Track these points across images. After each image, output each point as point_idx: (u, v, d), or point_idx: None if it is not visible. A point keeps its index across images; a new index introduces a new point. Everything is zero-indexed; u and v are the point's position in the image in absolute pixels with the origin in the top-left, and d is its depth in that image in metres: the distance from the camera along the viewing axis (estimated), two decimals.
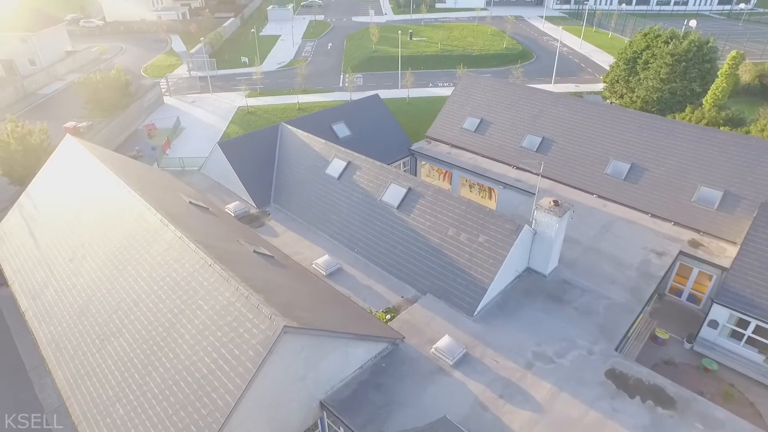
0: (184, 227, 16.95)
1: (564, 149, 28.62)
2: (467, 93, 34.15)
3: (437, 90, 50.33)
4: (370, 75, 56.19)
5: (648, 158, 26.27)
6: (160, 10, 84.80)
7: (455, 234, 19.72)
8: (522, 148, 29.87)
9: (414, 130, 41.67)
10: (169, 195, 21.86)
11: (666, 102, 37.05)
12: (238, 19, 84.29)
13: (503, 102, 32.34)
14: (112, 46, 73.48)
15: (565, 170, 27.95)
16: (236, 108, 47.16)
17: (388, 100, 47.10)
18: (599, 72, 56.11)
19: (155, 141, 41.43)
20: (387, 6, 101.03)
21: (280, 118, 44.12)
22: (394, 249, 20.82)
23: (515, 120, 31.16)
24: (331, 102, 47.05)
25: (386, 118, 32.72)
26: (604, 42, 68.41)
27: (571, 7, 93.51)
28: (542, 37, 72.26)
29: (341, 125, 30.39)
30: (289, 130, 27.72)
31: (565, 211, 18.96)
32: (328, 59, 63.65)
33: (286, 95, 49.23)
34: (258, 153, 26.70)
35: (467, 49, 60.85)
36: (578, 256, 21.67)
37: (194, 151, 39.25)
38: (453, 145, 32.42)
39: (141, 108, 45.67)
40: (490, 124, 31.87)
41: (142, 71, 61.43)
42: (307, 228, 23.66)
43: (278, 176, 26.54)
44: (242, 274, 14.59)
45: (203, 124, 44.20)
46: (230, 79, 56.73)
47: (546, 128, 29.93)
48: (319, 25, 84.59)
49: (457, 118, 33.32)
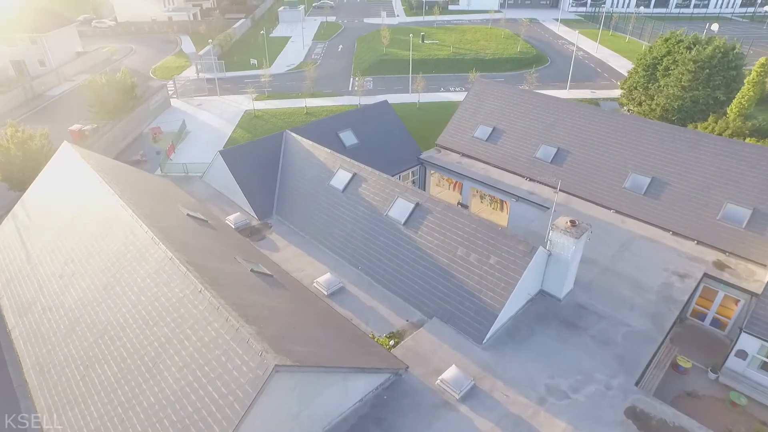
0: (176, 245, 16.02)
1: (580, 161, 27.32)
2: (479, 100, 32.96)
3: (449, 95, 49.15)
4: (381, 78, 55.15)
5: (670, 172, 24.89)
6: (171, 10, 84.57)
7: (464, 254, 18.58)
8: (536, 158, 28.61)
9: (424, 137, 40.59)
10: (167, 207, 20.99)
11: (687, 110, 35.51)
12: (249, 20, 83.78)
13: (517, 110, 31.09)
14: (123, 47, 73.32)
15: (580, 183, 26.65)
16: (243, 111, 46.39)
17: (397, 104, 46.06)
18: (616, 77, 54.50)
19: (160, 145, 40.77)
20: (399, 7, 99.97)
21: (287, 123, 43.28)
22: (400, 268, 19.73)
23: (529, 129, 29.91)
24: (340, 106, 46.09)
25: (395, 126, 31.64)
26: (621, 46, 66.66)
27: (587, 10, 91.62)
28: (557, 41, 70.66)
29: (348, 133, 29.37)
30: (293, 139, 26.76)
31: (582, 232, 17.73)
32: (338, 62, 62.73)
33: (294, 99, 48.37)
34: (261, 162, 25.77)
35: (480, 52, 59.55)
36: (595, 278, 20.41)
37: (199, 155, 38.49)
38: (464, 154, 31.24)
39: (147, 111, 45.09)
40: (503, 133, 30.64)
41: (150, 72, 61.04)
42: (309, 242, 22.66)
43: (281, 186, 25.59)
44: (235, 301, 13.60)
45: (209, 128, 43.47)
46: (239, 81, 56.04)
47: (561, 138, 28.64)
48: (330, 26, 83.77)
49: (468, 126, 32.14)
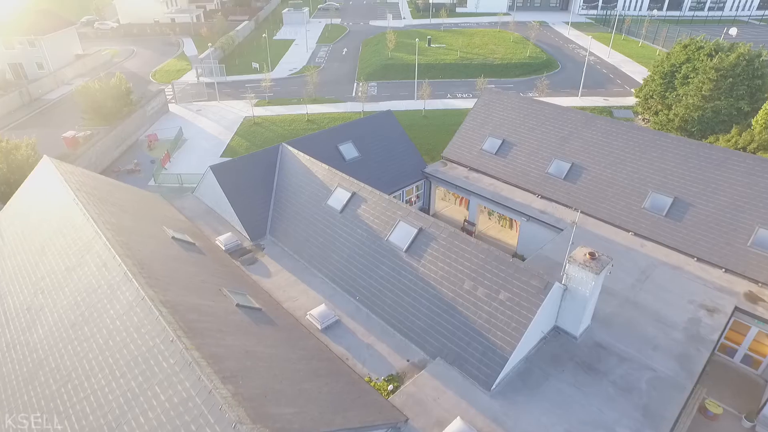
0: (153, 280, 14.46)
1: (596, 178, 25.54)
2: (488, 110, 31.24)
3: (456, 102, 47.41)
4: (385, 84, 53.51)
5: (694, 192, 23.07)
6: (174, 12, 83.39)
7: (472, 288, 16.88)
8: (548, 174, 26.85)
9: (430, 146, 38.94)
10: (150, 229, 19.45)
11: (708, 121, 33.59)
12: (253, 22, 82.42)
13: (528, 121, 29.34)
14: (124, 49, 72.16)
15: (596, 202, 24.87)
16: (242, 118, 44.90)
17: (402, 112, 44.41)
18: (629, 84, 52.54)
19: (155, 153, 39.33)
20: (406, 10, 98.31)
21: (287, 131, 41.75)
22: (401, 300, 18.06)
23: (541, 142, 28.16)
24: (342, 113, 44.49)
25: (398, 137, 29.98)
26: (634, 51, 64.62)
27: (598, 13, 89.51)
28: (568, 45, 68.71)
29: (349, 145, 27.74)
30: (289, 152, 25.16)
31: (603, 266, 15.98)
32: (342, 66, 61.16)
33: (295, 105, 46.84)
34: (255, 177, 24.19)
35: (488, 57, 57.77)
36: (614, 312, 18.65)
37: (195, 165, 37.03)
38: (471, 168, 29.54)
39: (144, 117, 43.70)
40: (513, 146, 28.91)
41: (150, 76, 59.75)
42: (304, 268, 21.04)
43: (276, 205, 23.99)
44: (212, 351, 12.02)
45: (207, 136, 42.00)
46: (239, 85, 54.60)
47: (576, 153, 26.87)
48: (335, 29, 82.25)
49: (476, 138, 30.44)
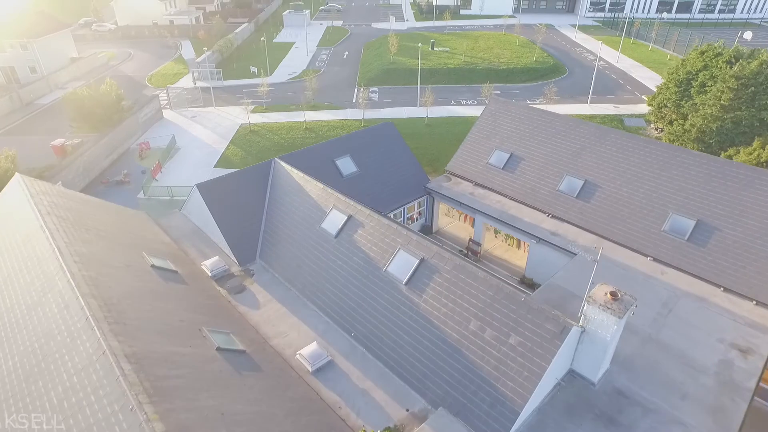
0: (120, 325, 12.82)
1: (611, 197, 23.78)
2: (495, 121, 29.51)
3: (460, 109, 45.67)
4: (387, 89, 51.81)
5: (719, 214, 21.29)
6: (173, 14, 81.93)
7: (479, 329, 15.16)
8: (559, 192, 25.10)
9: (433, 157, 37.23)
10: (127, 257, 17.80)
11: (728, 133, 31.77)
12: (252, 25, 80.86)
13: (538, 134, 27.60)
14: (121, 52, 70.71)
15: (611, 224, 23.11)
16: (239, 125, 43.29)
17: (404, 120, 42.73)
18: (640, 90, 50.70)
19: (147, 162, 37.74)
20: (409, 12, 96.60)
21: (283, 139, 40.11)
22: (400, 339, 16.35)
23: (552, 157, 26.41)
24: (342, 121, 42.81)
25: (400, 150, 28.27)
26: (644, 55, 62.72)
27: (605, 16, 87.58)
28: (575, 49, 66.86)
29: (346, 160, 26.05)
30: (282, 169, 23.49)
31: (626, 308, 14.23)
32: (343, 70, 59.50)
33: (294, 111, 45.19)
34: (245, 196, 22.52)
35: (493, 61, 56.00)
36: (635, 352, 16.90)
37: (187, 176, 35.42)
38: (476, 184, 27.82)
39: (136, 124, 42.14)
40: (522, 160, 27.17)
41: (146, 80, 58.21)
42: (295, 297, 19.35)
43: (267, 226, 22.31)
44: (179, 420, 10.35)
45: (201, 144, 40.40)
46: (237, 90, 53.00)
47: (589, 169, 25.11)
48: (336, 31, 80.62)
49: (482, 151, 28.71)
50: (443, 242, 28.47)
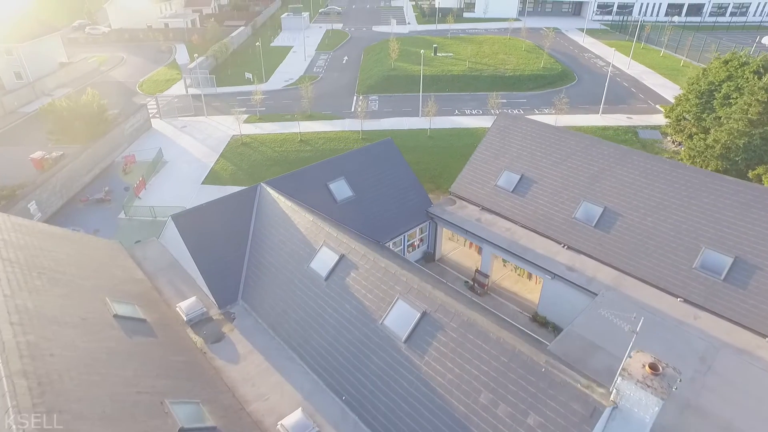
0: (56, 411, 10.48)
1: (634, 227, 21.37)
2: (504, 138, 27.12)
3: (464, 120, 43.26)
4: (387, 98, 49.45)
5: (760, 251, 18.88)
6: (168, 17, 79.68)
7: (491, 402, 12.78)
8: (575, 220, 22.71)
9: (436, 172, 34.87)
10: (85, 306, 15.45)
11: (756, 150, 29.32)
12: (249, 28, 78.53)
13: (551, 154, 25.21)
14: (113, 57, 68.49)
15: (635, 258, 20.71)
16: (230, 136, 40.97)
17: (405, 132, 40.38)
18: (653, 99, 48.23)
19: (131, 178, 35.44)
20: (411, 15, 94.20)
21: (277, 153, 37.76)
22: (398, 408, 13.98)
23: (567, 180, 24.01)
24: (339, 133, 40.45)
25: (400, 170, 25.89)
26: (655, 61, 60.21)
27: (613, 19, 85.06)
28: (583, 54, 64.38)
29: (341, 183, 23.68)
30: (269, 196, 21.14)
31: (669, 385, 11.81)
32: (342, 76, 57.15)
33: (289, 121, 42.85)
34: (226, 228, 20.18)
35: (499, 68, 53.59)
36: (672, 423, 14.47)
37: (173, 194, 33.13)
38: (483, 208, 25.44)
39: (122, 135, 39.84)
40: (534, 183, 24.77)
41: (137, 87, 55.93)
42: (280, 349, 16.98)
43: (251, 262, 19.96)
44: None
45: (189, 158, 38.09)
46: (230, 98, 50.69)
47: (609, 195, 22.71)
48: (336, 35, 78.28)
49: (490, 172, 26.33)
50: (447, 272, 26.10)
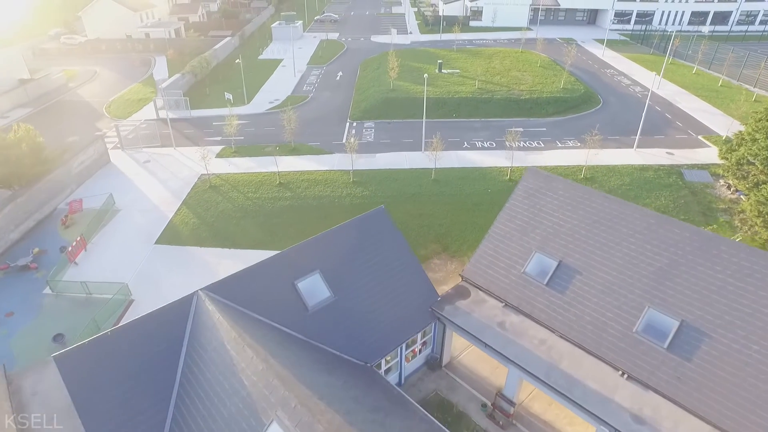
0: None
1: (731, 358, 14.89)
2: (533, 206, 20.67)
3: (475, 155, 36.72)
4: (385, 125, 43.04)
5: None
6: (149, 26, 73.41)
7: None
8: (639, 336, 16.29)
9: (443, 230, 28.53)
10: None
11: None
12: (237, 39, 72.15)
13: (600, 233, 18.74)
14: (85, 70, 62.27)
15: (740, 409, 14.21)
16: (198, 176, 34.62)
17: (406, 172, 34.00)
18: (693, 127, 41.69)
19: (72, 233, 29.11)
20: (413, 23, 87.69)
21: (250, 200, 31.36)
22: None
23: (624, 273, 17.57)
24: (326, 173, 34.05)
25: (395, 253, 19.48)
26: (688, 79, 53.50)
27: (633, 28, 78.38)
28: (604, 70, 57.78)
29: (314, 280, 17.27)
30: (207, 312, 14.75)
31: None
32: (335, 96, 50.75)
33: (269, 156, 36.44)
34: (142, 370, 13.78)
35: (513, 88, 47.09)
36: None
37: (117, 259, 26.81)
38: (507, 304, 19.00)
39: (69, 175, 33.53)
40: (576, 275, 18.33)
41: (104, 108, 49.60)
42: None
43: (176, 421, 13.54)
44: None
45: (146, 205, 31.75)
46: (206, 123, 44.37)
47: (686, 302, 16.24)
48: (330, 46, 71.89)
49: (516, 252, 19.89)
50: (458, 386, 19.68)
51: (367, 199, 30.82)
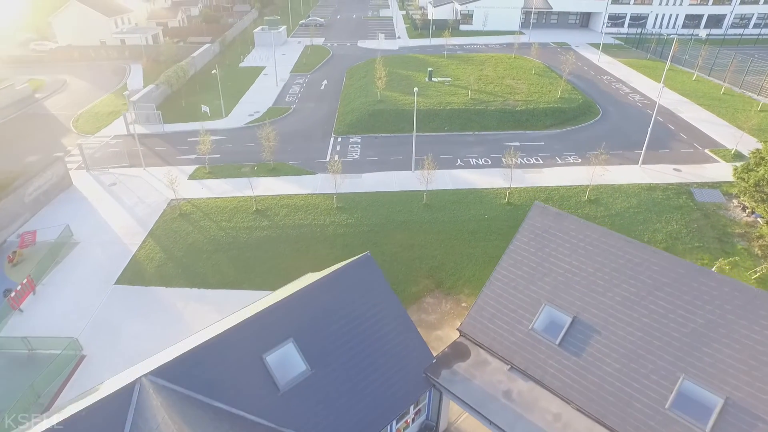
0: None
1: None
2: (541, 249, 18.00)
3: (470, 175, 34.02)
4: (372, 140, 40.32)
5: None
6: (124, 32, 69.91)
7: None
8: (671, 412, 13.65)
9: (436, 263, 25.88)
10: None
11: None
12: (218, 45, 68.92)
13: (621, 284, 16.13)
14: (54, 80, 58.70)
15: None
16: (167, 201, 31.56)
17: (395, 195, 31.23)
18: (699, 140, 39.42)
19: (19, 272, 25.94)
20: (401, 27, 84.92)
21: (223, 230, 28.40)
22: None
23: (652, 335, 14.96)
24: (307, 197, 31.19)
25: (383, 307, 16.70)
26: (688, 87, 51.33)
27: (628, 32, 76.40)
28: (601, 77, 55.50)
29: (287, 351, 14.43)
30: (151, 410, 11.84)
31: None
32: (318, 107, 47.88)
33: (247, 177, 33.51)
34: None
35: (508, 98, 44.54)
36: None
37: (69, 305, 23.70)
38: (513, 366, 16.31)
39: (21, 203, 30.33)
40: (594, 334, 15.69)
41: (71, 122, 46.25)
42: None
43: None
44: None
45: (108, 237, 28.67)
46: (180, 140, 41.29)
47: (731, 373, 13.66)
48: (315, 52, 68.94)
49: (521, 304, 17.21)
50: None
51: (352, 228, 28.01)
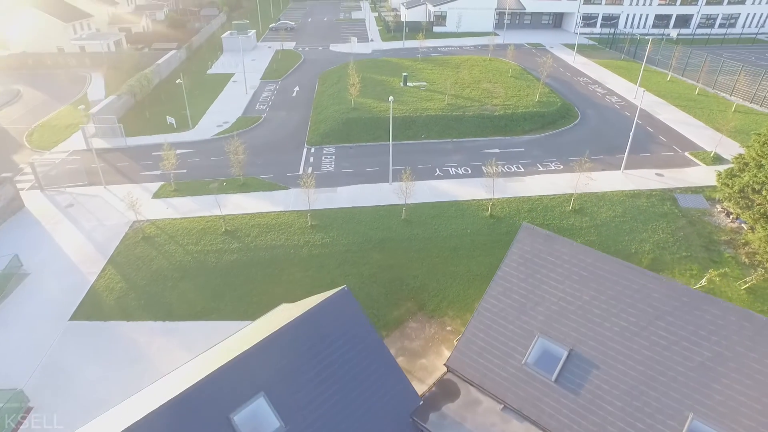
0: None
1: None
2: (531, 275, 16.78)
3: (449, 186, 32.73)
4: (346, 150, 38.75)
5: None
6: (84, 38, 66.60)
7: None
8: None
9: (417, 283, 24.59)
10: None
11: None
12: (184, 51, 66.26)
13: (620, 313, 15.01)
14: (5, 90, 55.26)
15: None
16: (129, 223, 29.39)
17: (372, 211, 29.76)
18: (678, 143, 39.07)
19: None
20: (374, 29, 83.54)
21: (190, 255, 26.48)
22: None
23: (654, 369, 13.86)
24: (279, 216, 29.48)
25: (363, 346, 15.20)
26: (663, 88, 51.22)
27: (601, 32, 76.63)
28: (577, 78, 55.10)
29: (257, 407, 12.81)
30: None
31: None
32: (290, 116, 46.05)
33: (215, 195, 31.56)
34: None
35: (485, 103, 43.54)
36: None
37: (18, 345, 21.51)
38: (506, 406, 15.03)
39: None
40: (593, 369, 14.53)
41: (25, 137, 43.33)
42: None
43: None
44: None
45: (63, 265, 26.41)
46: (144, 154, 38.93)
47: (743, 412, 12.63)
48: (286, 56, 66.94)
49: (513, 336, 15.96)
50: None
51: (328, 248, 26.42)
